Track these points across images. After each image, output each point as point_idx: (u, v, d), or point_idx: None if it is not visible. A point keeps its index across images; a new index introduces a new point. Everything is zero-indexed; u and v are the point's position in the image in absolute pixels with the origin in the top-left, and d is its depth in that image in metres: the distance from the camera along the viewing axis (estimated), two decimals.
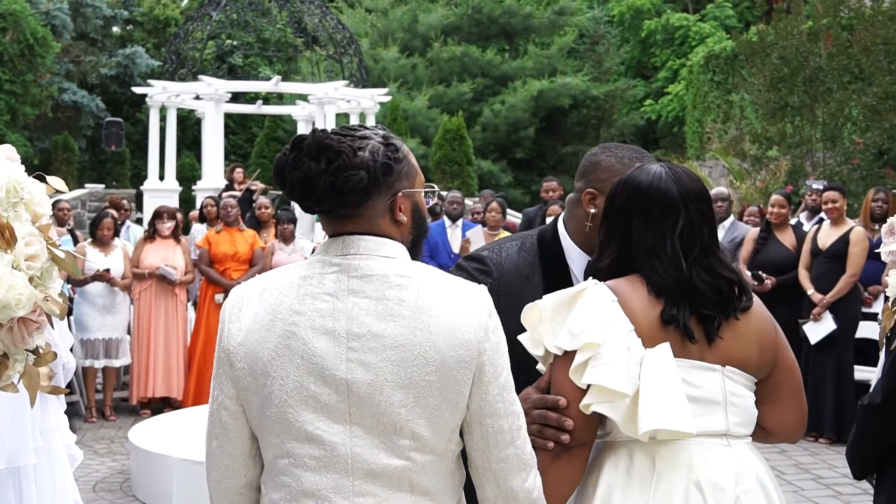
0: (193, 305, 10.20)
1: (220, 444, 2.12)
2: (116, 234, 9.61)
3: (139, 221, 15.52)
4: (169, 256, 9.45)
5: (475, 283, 2.12)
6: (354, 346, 1.96)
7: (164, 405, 9.40)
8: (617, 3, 32.20)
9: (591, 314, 2.24)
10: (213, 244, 9.67)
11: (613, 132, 28.13)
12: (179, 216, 10.10)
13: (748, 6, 29.39)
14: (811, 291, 8.36)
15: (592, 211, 2.57)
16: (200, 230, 11.39)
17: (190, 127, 26.16)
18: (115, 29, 29.36)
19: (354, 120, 19.75)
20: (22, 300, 2.17)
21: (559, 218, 2.74)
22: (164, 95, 19.12)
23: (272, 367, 1.99)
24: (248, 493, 2.16)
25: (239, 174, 14.33)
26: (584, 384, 2.21)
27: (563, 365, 2.26)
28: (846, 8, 15.79)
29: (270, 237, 10.43)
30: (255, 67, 28.26)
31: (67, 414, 4.15)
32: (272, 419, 2.00)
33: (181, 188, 19.67)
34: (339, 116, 19.80)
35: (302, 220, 13.18)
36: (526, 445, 2.08)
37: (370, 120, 19.58)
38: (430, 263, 2.21)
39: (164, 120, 19.75)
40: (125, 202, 12.74)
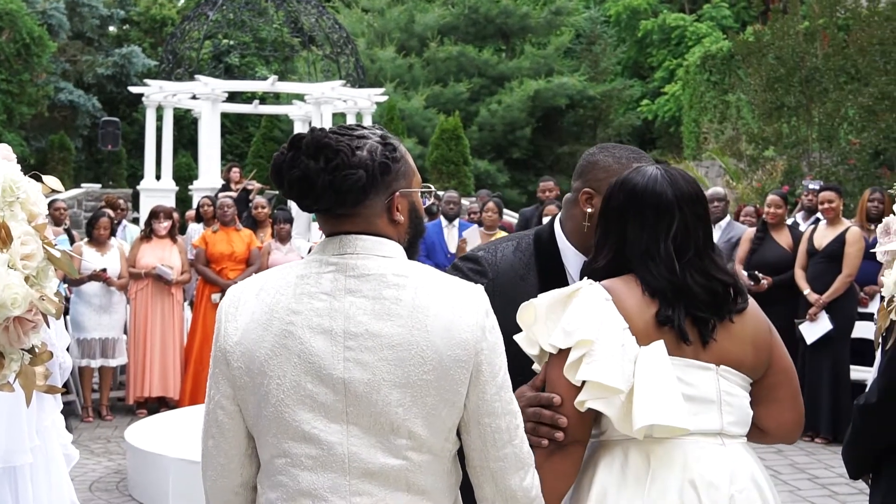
0: (190, 305, 10.20)
1: (216, 443, 2.11)
2: (113, 233, 9.60)
3: (136, 221, 15.51)
4: (165, 256, 9.45)
5: (462, 280, 2.12)
6: (351, 345, 1.96)
7: (160, 405, 9.40)
8: (613, 3, 32.18)
9: (585, 312, 2.25)
10: (209, 244, 9.66)
11: (610, 132, 28.12)
12: (176, 216, 10.09)
13: (745, 6, 29.36)
14: (807, 291, 8.36)
15: (589, 210, 2.57)
16: (197, 230, 11.37)
17: (186, 126, 26.13)
18: (111, 28, 29.32)
19: (351, 120, 19.73)
20: (18, 299, 2.17)
21: (556, 218, 2.73)
22: (160, 95, 19.11)
23: (269, 366, 1.99)
24: (244, 492, 2.16)
25: (235, 174, 14.31)
26: (578, 381, 2.22)
27: (557, 363, 2.27)
28: (842, 8, 15.79)
29: (267, 237, 10.42)
30: (251, 67, 28.23)
31: (64, 413, 4.15)
32: (269, 418, 2.00)
33: (178, 188, 19.65)
34: (335, 116, 19.78)
35: (298, 219, 13.16)
36: (524, 444, 2.08)
37: (367, 120, 19.56)
38: (426, 263, 2.21)
39: (160, 119, 19.72)
40: (122, 202, 12.70)
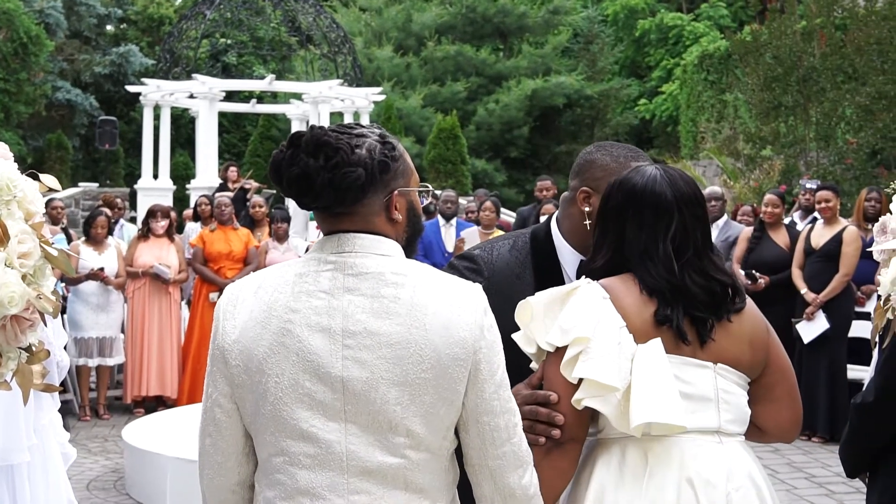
0: (187, 304, 10.20)
1: (213, 441, 2.11)
2: (110, 232, 9.59)
3: (133, 220, 15.48)
4: (163, 255, 9.44)
5: (460, 279, 2.12)
6: (350, 343, 1.96)
7: (157, 404, 9.40)
8: (611, 2, 32.17)
9: (582, 310, 2.25)
10: (207, 243, 9.66)
11: (607, 131, 28.11)
12: (173, 215, 10.08)
13: (742, 6, 29.37)
14: (804, 291, 8.37)
15: (587, 209, 2.57)
16: (194, 229, 11.37)
17: (184, 126, 26.09)
18: (108, 27, 29.28)
19: (348, 119, 19.73)
20: (15, 298, 2.18)
21: (552, 217, 2.73)
22: (157, 94, 19.07)
23: (267, 364, 1.99)
24: (241, 491, 2.15)
25: (233, 173, 14.29)
26: (574, 378, 2.22)
27: (554, 361, 2.27)
28: (840, 8, 15.80)
29: (264, 236, 10.41)
30: (249, 66, 28.20)
31: (61, 412, 4.15)
32: (267, 417, 2.00)
33: (175, 187, 19.61)
34: (333, 115, 19.76)
35: (296, 218, 13.16)
36: (522, 442, 2.08)
37: (364, 119, 19.55)
38: (424, 262, 2.20)
39: (157, 119, 19.69)
40: (119, 201, 12.69)
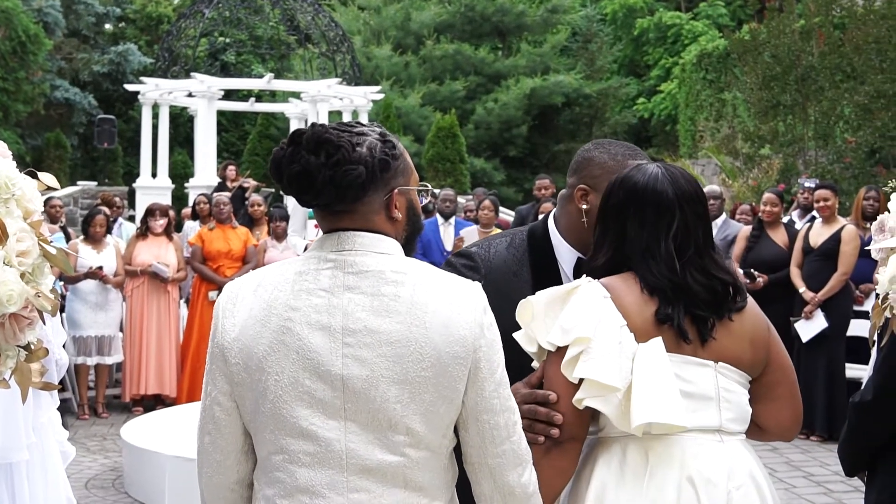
0: (186, 303, 10.19)
1: (212, 439, 2.11)
2: (109, 231, 9.58)
3: (131, 219, 15.48)
4: (161, 254, 9.44)
5: (460, 277, 2.12)
6: (350, 341, 1.96)
7: (156, 402, 9.39)
8: (609, 1, 32.19)
9: (583, 310, 2.25)
10: (206, 241, 9.66)
11: (606, 130, 28.10)
12: (172, 213, 10.08)
13: (740, 5, 29.38)
14: (803, 289, 8.38)
15: (584, 207, 2.56)
16: (193, 227, 11.37)
17: (182, 124, 26.08)
18: (107, 26, 29.25)
19: (347, 118, 19.71)
20: (13, 296, 2.17)
21: (550, 214, 2.73)
22: (156, 93, 19.08)
23: (267, 362, 1.99)
24: (239, 489, 2.15)
25: (231, 172, 14.28)
26: (575, 378, 2.22)
27: (555, 360, 2.27)
28: (838, 7, 15.82)
29: (263, 235, 10.41)
30: (247, 65, 28.19)
31: (60, 411, 4.15)
32: (266, 415, 2.00)
33: (174, 185, 19.63)
34: (331, 114, 19.76)
35: (294, 217, 13.15)
36: (521, 441, 2.08)
37: (363, 117, 19.56)
38: (423, 261, 2.20)
39: (156, 117, 19.70)
40: (117, 199, 12.69)
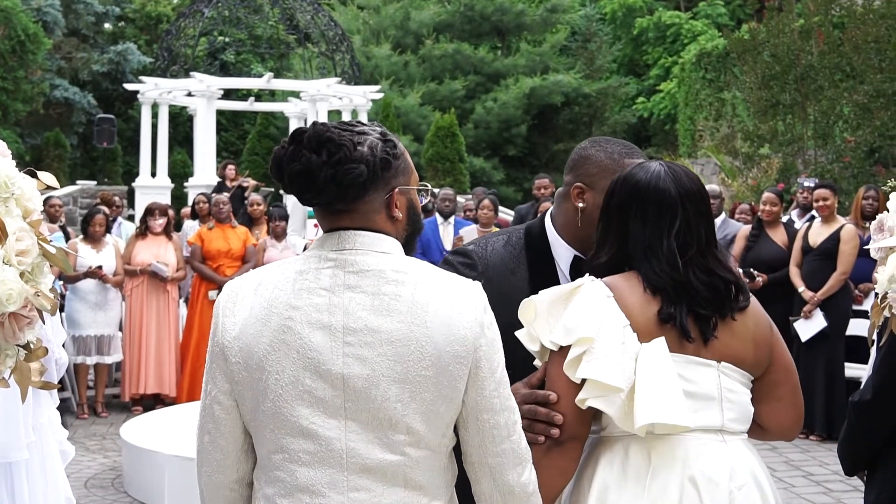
0: (185, 302, 10.19)
1: (212, 438, 2.11)
2: (108, 230, 9.59)
3: (131, 218, 15.46)
4: (160, 253, 9.44)
5: (460, 277, 2.12)
6: (351, 340, 1.96)
7: (155, 402, 9.40)
8: (609, 0, 32.19)
9: (586, 310, 2.25)
10: (205, 241, 9.66)
11: (605, 130, 28.08)
12: (171, 213, 10.08)
13: (740, 4, 29.39)
14: (802, 289, 8.38)
15: (580, 205, 2.57)
16: (192, 227, 11.37)
17: (182, 124, 26.08)
18: (106, 25, 29.23)
19: (346, 117, 19.71)
20: (13, 295, 2.17)
21: (547, 212, 2.74)
22: (155, 92, 19.06)
23: (268, 361, 1.99)
24: (239, 488, 2.15)
25: (231, 171, 14.28)
26: (577, 378, 2.22)
27: (558, 360, 2.27)
28: (837, 6, 15.81)
29: (262, 234, 10.41)
30: (247, 64, 28.19)
31: (59, 410, 4.15)
32: (267, 414, 2.00)
33: (173, 185, 19.61)
34: (331, 113, 19.75)
35: (294, 216, 13.15)
36: (521, 440, 2.09)
37: (362, 117, 19.55)
38: (422, 260, 2.20)
39: (155, 117, 19.69)
40: (117, 199, 12.68)
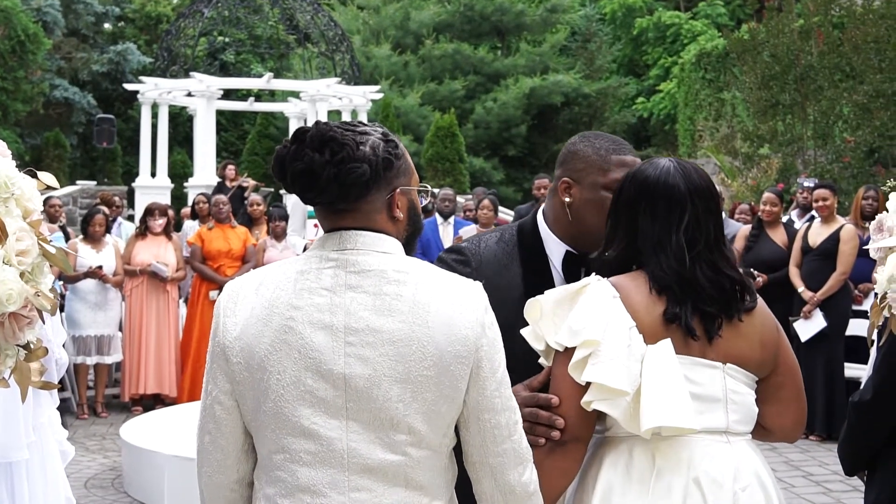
0: (185, 302, 10.19)
1: (212, 438, 2.11)
2: (108, 230, 9.59)
3: (131, 218, 15.46)
4: (160, 253, 9.44)
5: (462, 277, 2.12)
6: (352, 340, 1.96)
7: (155, 402, 9.40)
8: (609, 1, 32.20)
9: (592, 311, 2.25)
10: (205, 241, 9.66)
11: (605, 130, 27.72)
12: (171, 213, 10.08)
13: (739, 4, 29.40)
14: (802, 289, 8.38)
15: (567, 200, 2.59)
16: (192, 227, 11.37)
17: (182, 124, 26.07)
18: (106, 25, 29.23)
19: (346, 117, 19.71)
20: (13, 295, 2.17)
21: (539, 208, 2.75)
22: (155, 92, 19.06)
23: (269, 361, 1.99)
24: (239, 488, 2.15)
25: (231, 171, 14.28)
26: (583, 381, 2.22)
27: (563, 361, 2.27)
28: (837, 6, 15.81)
29: (262, 234, 10.41)
30: (246, 64, 28.19)
31: (59, 410, 4.15)
32: (268, 414, 2.00)
33: (173, 185, 19.61)
34: (330, 114, 19.74)
35: (294, 216, 13.15)
36: (522, 440, 2.09)
37: (362, 117, 19.55)
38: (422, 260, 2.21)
39: (155, 117, 19.68)
40: (117, 199, 12.68)
